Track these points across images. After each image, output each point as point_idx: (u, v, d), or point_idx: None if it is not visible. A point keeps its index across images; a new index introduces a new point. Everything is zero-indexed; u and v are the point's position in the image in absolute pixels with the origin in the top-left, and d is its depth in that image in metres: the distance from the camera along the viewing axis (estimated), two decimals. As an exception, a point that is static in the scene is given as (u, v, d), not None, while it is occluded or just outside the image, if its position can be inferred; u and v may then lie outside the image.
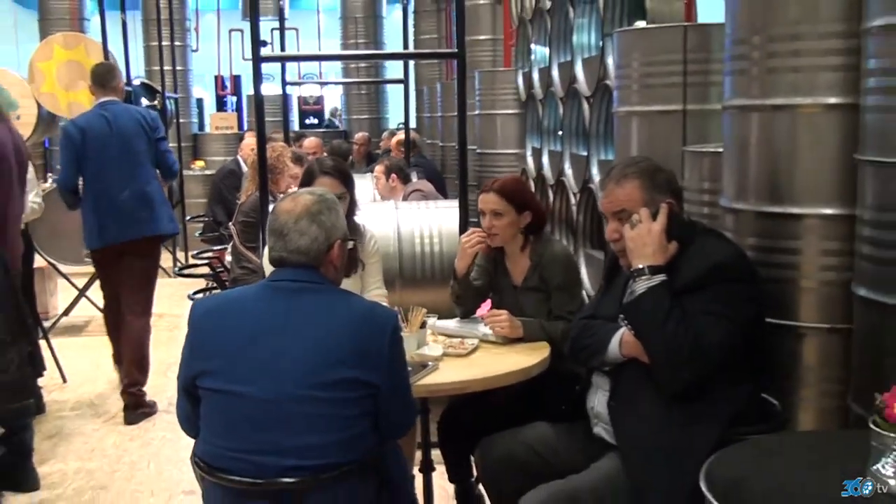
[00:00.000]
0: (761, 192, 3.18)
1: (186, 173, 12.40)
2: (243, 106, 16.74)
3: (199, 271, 8.68)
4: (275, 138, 7.90)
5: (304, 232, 2.72)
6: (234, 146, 12.98)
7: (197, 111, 16.45)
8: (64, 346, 7.06)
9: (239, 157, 9.78)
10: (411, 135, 9.59)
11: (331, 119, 17.51)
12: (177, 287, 9.38)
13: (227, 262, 6.63)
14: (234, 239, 6.08)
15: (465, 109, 4.56)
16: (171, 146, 6.76)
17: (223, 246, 7.79)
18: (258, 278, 5.69)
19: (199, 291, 8.54)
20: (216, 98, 17.26)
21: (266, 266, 3.94)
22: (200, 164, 13.70)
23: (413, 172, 7.75)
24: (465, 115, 4.56)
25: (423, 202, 6.15)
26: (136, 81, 10.64)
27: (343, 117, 16.82)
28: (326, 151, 9.78)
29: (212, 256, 7.39)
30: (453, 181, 9.11)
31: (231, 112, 16.29)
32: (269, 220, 2.81)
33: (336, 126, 16.62)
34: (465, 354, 3.56)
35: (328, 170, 4.07)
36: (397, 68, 11.43)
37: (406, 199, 6.64)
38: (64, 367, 6.66)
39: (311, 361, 2.58)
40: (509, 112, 8.06)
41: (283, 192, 5.85)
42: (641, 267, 2.89)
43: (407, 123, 9.38)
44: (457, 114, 4.56)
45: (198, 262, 8.63)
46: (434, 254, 5.36)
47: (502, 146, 8.10)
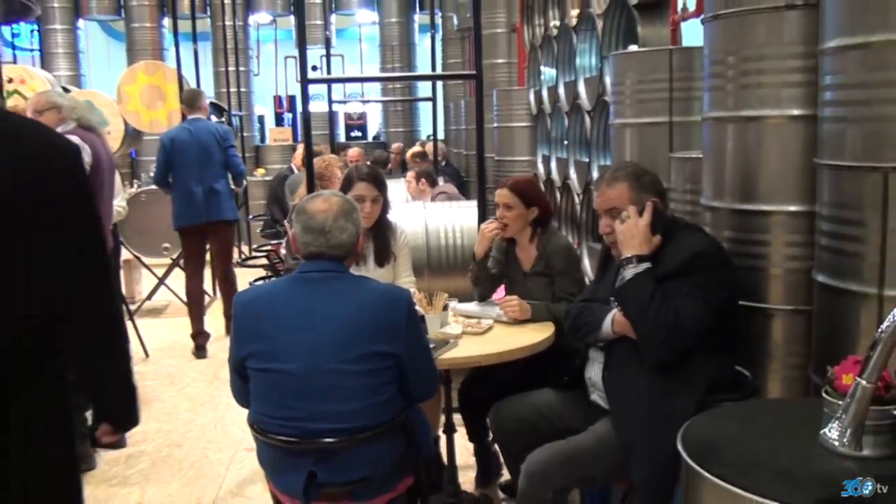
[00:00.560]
0: (735, 192, 3.16)
1: (249, 179, 12.41)
2: (297, 121, 16.77)
3: (259, 262, 8.74)
4: (324, 150, 7.96)
5: (344, 229, 2.73)
6: (289, 156, 13.02)
7: (258, 126, 16.49)
8: (146, 326, 7.13)
9: (292, 164, 9.82)
10: (419, 149, 9.64)
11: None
12: (241, 275, 9.41)
13: (282, 254, 6.65)
14: (289, 234, 6.10)
15: (482, 123, 4.53)
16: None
17: (279, 240, 7.82)
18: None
19: (259, 279, 8.58)
20: (275, 115, 17.29)
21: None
22: (261, 171, 13.73)
23: (440, 177, 7.75)
24: (482, 128, 4.54)
25: (448, 202, 6.15)
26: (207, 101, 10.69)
27: (382, 130, 16.83)
28: (368, 160, 9.79)
29: (269, 249, 7.42)
30: (474, 184, 9.13)
31: (287, 127, 16.31)
32: (302, 220, 2.77)
33: (378, 138, 16.64)
34: (482, 333, 3.56)
35: (364, 176, 4.07)
36: (428, 88, 11.44)
37: (433, 200, 6.64)
38: (146, 343, 6.74)
39: (340, 339, 2.59)
40: (523, 125, 8.02)
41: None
42: (630, 256, 2.89)
43: (435, 135, 9.38)
44: (476, 126, 4.54)
45: (258, 254, 8.68)
46: (457, 246, 5.36)
47: (517, 154, 8.06)
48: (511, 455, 3.45)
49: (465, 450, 4.10)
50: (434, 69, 9.59)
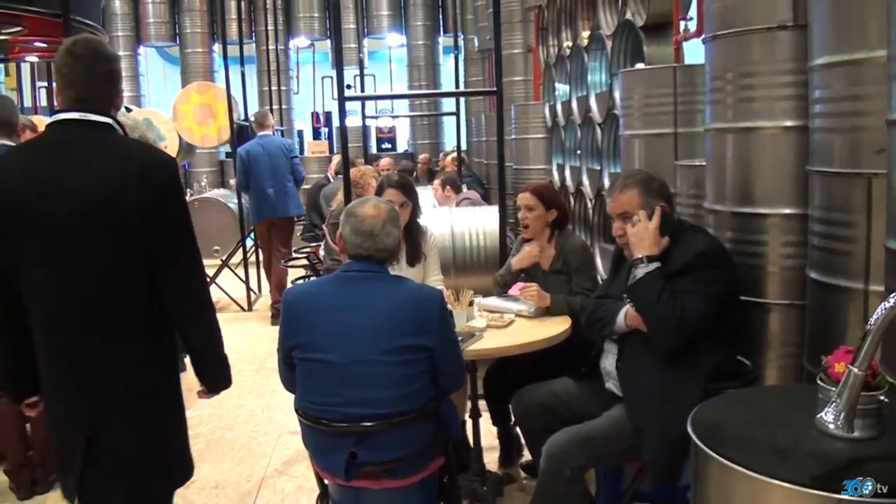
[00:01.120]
0: (735, 197, 3.16)
1: (290, 187, 12.50)
2: (333, 135, 16.84)
3: (300, 263, 8.78)
4: (358, 161, 8.05)
5: (390, 233, 2.74)
6: (325, 166, 13.06)
7: (297, 140, 16.56)
8: None
9: (328, 174, 9.86)
10: (453, 154, 9.65)
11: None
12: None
13: (320, 256, 6.69)
14: (327, 237, 6.13)
15: (502, 135, 4.54)
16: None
17: (318, 243, 7.86)
18: (345, 268, 5.77)
19: (299, 278, 8.63)
20: (312, 129, 17.35)
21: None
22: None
23: (464, 184, 7.75)
24: (502, 140, 4.55)
25: (471, 208, 6.16)
26: (252, 118, 10.74)
27: (410, 142, 16.88)
28: (398, 169, 9.81)
29: (309, 251, 7.47)
30: (494, 191, 9.13)
31: (324, 140, 16.36)
32: (352, 223, 2.76)
33: (407, 150, 16.69)
34: (504, 326, 3.56)
35: (393, 183, 4.10)
36: (452, 104, 11.45)
37: (458, 205, 6.64)
38: None
39: (378, 332, 2.60)
40: (539, 136, 8.01)
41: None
42: (640, 256, 2.90)
43: (459, 147, 9.38)
44: (496, 138, 4.55)
45: (298, 255, 8.72)
46: (479, 247, 5.37)
47: (533, 163, 8.05)
48: (532, 437, 3.45)
49: (488, 433, 4.11)
50: (458, 87, 9.58)
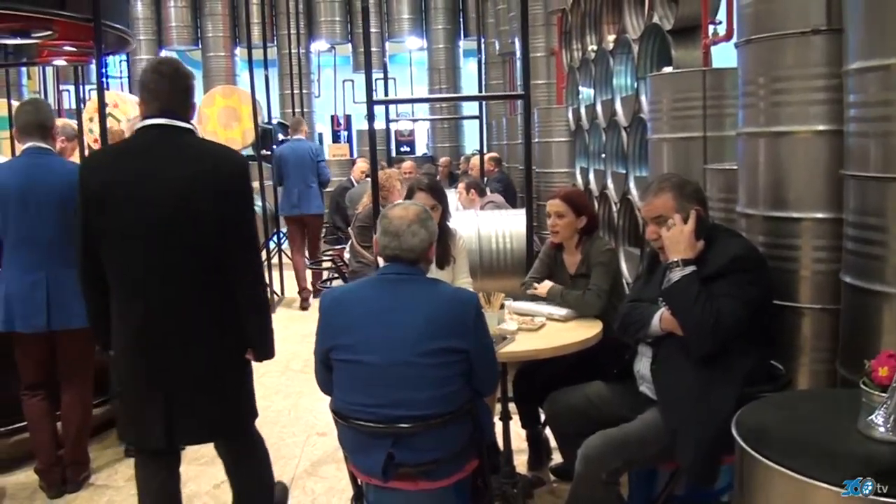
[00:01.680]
0: (767, 201, 3.16)
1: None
2: (352, 138, 16.90)
3: (324, 265, 8.86)
4: (383, 164, 8.09)
5: (416, 234, 2.76)
6: (347, 169, 13.10)
7: (318, 143, 16.65)
8: None
9: (351, 177, 9.89)
10: (495, 155, 9.70)
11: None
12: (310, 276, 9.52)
13: (345, 258, 6.72)
14: (353, 240, 6.15)
15: (530, 138, 4.56)
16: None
17: (342, 245, 7.89)
18: (371, 270, 5.77)
19: (325, 280, 8.71)
20: (332, 132, 17.43)
21: (382, 261, 4.00)
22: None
23: (488, 188, 7.77)
24: (530, 143, 4.56)
25: (497, 210, 6.18)
26: (274, 121, 10.82)
27: (430, 145, 16.92)
28: (421, 172, 9.84)
29: (333, 254, 7.51)
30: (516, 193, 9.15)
31: (344, 143, 16.42)
32: (383, 224, 2.81)
33: (426, 153, 16.73)
34: (536, 329, 3.57)
35: (423, 187, 4.13)
36: (471, 107, 11.50)
37: (482, 208, 6.66)
38: None
39: (415, 335, 2.61)
40: (561, 140, 8.01)
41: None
42: (676, 260, 2.90)
43: (482, 150, 9.40)
44: (523, 142, 4.56)
45: (323, 258, 8.79)
46: (506, 250, 5.39)
47: (556, 166, 8.06)
48: (565, 441, 3.46)
49: (516, 436, 4.11)
50: (481, 90, 9.60)
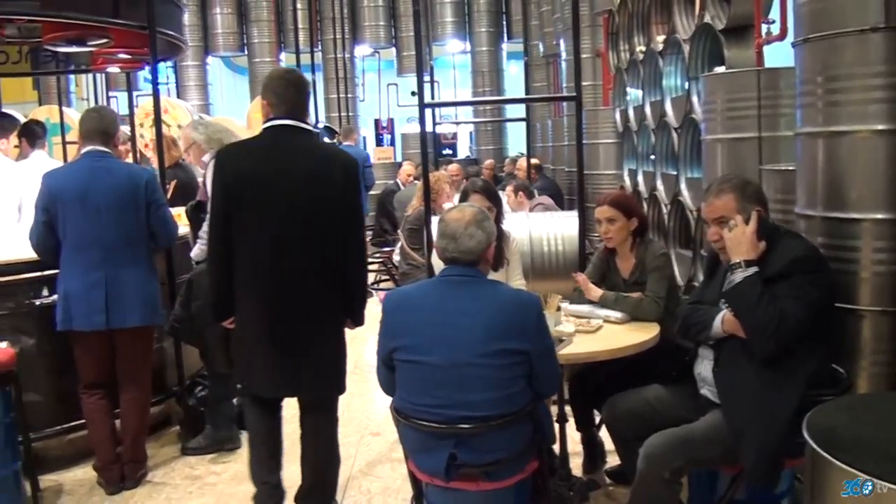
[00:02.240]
0: (826, 202, 3.13)
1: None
2: (395, 142, 16.99)
3: (372, 268, 8.91)
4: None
5: (472, 235, 2.78)
6: (391, 172, 13.20)
7: (363, 147, 16.76)
8: None
9: (397, 179, 9.95)
10: (535, 161, 9.69)
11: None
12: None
13: (395, 260, 6.78)
14: (403, 242, 6.21)
15: (581, 140, 4.49)
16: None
17: (389, 248, 7.96)
18: (421, 272, 5.82)
19: (373, 283, 8.76)
20: (375, 136, 17.52)
21: (436, 264, 4.02)
22: (366, 186, 13.91)
23: (535, 190, 7.78)
24: (581, 145, 4.51)
25: (548, 213, 6.18)
26: (320, 125, 10.91)
27: (473, 148, 16.95)
28: (464, 175, 9.85)
29: (382, 256, 7.56)
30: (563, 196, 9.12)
31: (388, 146, 16.51)
32: (440, 227, 2.84)
33: (468, 156, 16.76)
34: (593, 331, 3.57)
35: (478, 189, 4.14)
36: (515, 110, 11.50)
37: (531, 210, 6.67)
38: None
39: (477, 336, 2.63)
40: (608, 141, 8.00)
41: (441, 208, 5.95)
42: (738, 261, 2.89)
43: (529, 152, 9.39)
44: (575, 143, 4.54)
45: (371, 260, 8.84)
46: (557, 252, 5.39)
47: (603, 168, 8.05)
48: (623, 445, 3.44)
49: (570, 438, 4.10)
50: (527, 93, 9.61)
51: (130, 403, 4.30)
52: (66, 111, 10.21)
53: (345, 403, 5.32)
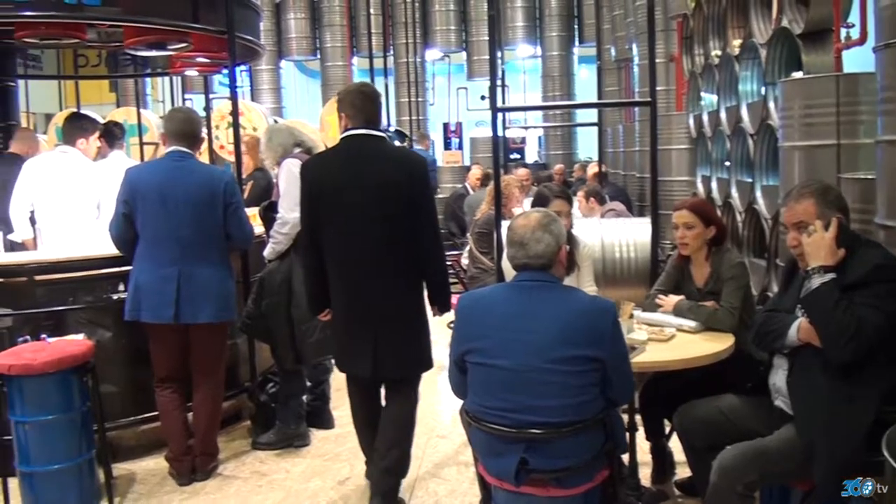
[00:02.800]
0: (909, 211, 3.05)
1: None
2: (464, 145, 17.03)
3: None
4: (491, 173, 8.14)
5: (540, 240, 2.77)
6: (459, 176, 13.24)
7: (432, 151, 16.84)
8: None
9: (466, 184, 9.97)
10: (600, 169, 9.62)
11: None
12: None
13: (463, 264, 6.79)
14: (471, 246, 6.22)
15: (656, 146, 4.49)
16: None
17: (457, 251, 7.97)
18: (490, 276, 5.83)
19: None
20: (444, 140, 17.58)
21: (506, 269, 4.03)
22: (435, 189, 13.99)
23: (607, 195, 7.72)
24: (656, 151, 4.50)
25: (620, 219, 6.13)
26: (391, 128, 11.01)
27: (542, 153, 16.90)
28: (534, 180, 9.83)
29: (451, 260, 7.56)
30: (633, 202, 9.03)
31: (456, 150, 16.56)
32: (508, 235, 2.84)
33: (537, 161, 16.71)
34: (666, 340, 3.52)
35: (557, 193, 4.14)
36: (585, 114, 11.42)
37: (603, 216, 6.62)
38: None
39: (550, 341, 2.62)
40: (682, 147, 7.90)
41: (511, 213, 5.96)
42: (816, 267, 2.83)
43: (600, 158, 9.33)
44: (649, 149, 4.51)
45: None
46: (630, 259, 5.34)
47: (676, 174, 7.94)
48: (695, 455, 3.39)
49: (639, 448, 4.06)
50: (600, 97, 9.54)
51: (203, 398, 4.40)
52: (143, 113, 10.49)
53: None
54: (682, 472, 3.93)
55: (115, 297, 4.53)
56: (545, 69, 15.75)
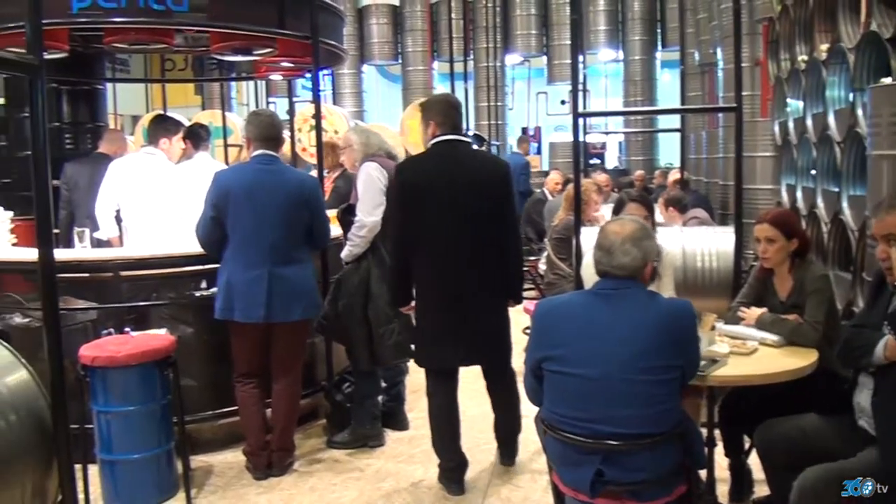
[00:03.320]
0: None
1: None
2: (542, 150, 16.94)
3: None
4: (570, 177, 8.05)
5: (628, 252, 2.72)
6: (537, 181, 13.16)
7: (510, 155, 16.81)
8: None
9: (544, 189, 9.89)
10: (680, 174, 9.44)
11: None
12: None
13: (540, 270, 6.74)
14: (549, 252, 6.17)
15: (741, 154, 4.39)
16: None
17: (534, 257, 7.92)
18: (568, 283, 5.77)
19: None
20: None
21: (584, 276, 3.99)
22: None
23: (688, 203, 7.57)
24: (741, 159, 4.40)
25: (703, 227, 6.00)
26: (469, 133, 11.01)
27: (622, 158, 16.70)
28: (614, 185, 9.73)
29: (529, 265, 7.52)
30: (714, 210, 8.84)
31: (535, 155, 16.49)
32: (598, 238, 2.81)
33: (617, 166, 16.53)
34: (747, 353, 3.42)
35: (635, 198, 4.11)
36: (667, 120, 11.26)
37: (685, 224, 6.49)
38: None
39: (630, 351, 2.59)
40: (766, 154, 7.70)
41: (590, 219, 5.91)
42: None
43: (683, 165, 9.17)
44: (734, 157, 4.41)
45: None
46: (712, 269, 5.19)
47: (760, 182, 7.75)
48: (774, 474, 3.29)
49: (717, 464, 3.95)
50: (683, 103, 9.39)
51: (282, 394, 4.47)
52: (228, 116, 10.72)
53: (485, 410, 5.34)
54: (761, 490, 3.80)
55: (197, 294, 4.65)
56: (627, 73, 15.56)
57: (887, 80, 4.66)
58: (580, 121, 4.40)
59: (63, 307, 3.77)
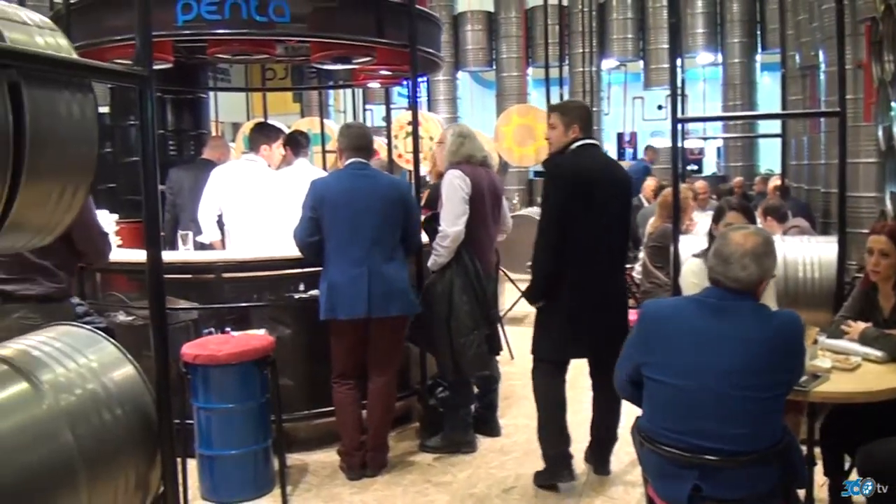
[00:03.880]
0: None
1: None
2: (638, 156, 16.67)
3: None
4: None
5: (746, 267, 2.62)
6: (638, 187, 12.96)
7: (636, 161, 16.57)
8: (510, 333, 6.94)
9: (641, 196, 9.73)
10: (779, 181, 9.17)
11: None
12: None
13: (636, 278, 6.64)
14: (645, 260, 6.07)
15: (844, 160, 4.25)
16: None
17: (630, 265, 7.78)
18: (664, 291, 5.66)
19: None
20: (618, 150, 17.29)
21: (683, 285, 3.90)
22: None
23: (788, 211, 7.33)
24: (844, 166, 4.26)
25: (803, 236, 5.80)
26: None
27: (721, 164, 16.31)
28: (713, 192, 9.50)
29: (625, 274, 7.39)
30: (815, 218, 8.53)
31: (630, 161, 16.26)
32: (717, 243, 2.73)
33: (715, 172, 16.16)
34: (851, 369, 3.29)
35: (735, 206, 4.01)
36: (767, 125, 10.91)
37: (785, 233, 6.28)
38: (512, 347, 6.70)
39: (737, 365, 2.51)
40: (869, 161, 7.40)
41: (687, 225, 5.79)
42: None
43: (784, 172, 8.90)
44: (837, 163, 4.26)
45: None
46: (813, 280, 5.01)
47: (863, 190, 7.45)
48: (876, 495, 3.14)
49: (815, 484, 3.80)
50: (784, 107, 9.12)
51: (378, 393, 4.52)
52: (326, 123, 10.90)
53: (576, 421, 5.24)
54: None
55: (296, 296, 4.75)
56: (726, 77, 15.17)
57: None
58: (678, 126, 4.31)
59: (167, 307, 3.88)
